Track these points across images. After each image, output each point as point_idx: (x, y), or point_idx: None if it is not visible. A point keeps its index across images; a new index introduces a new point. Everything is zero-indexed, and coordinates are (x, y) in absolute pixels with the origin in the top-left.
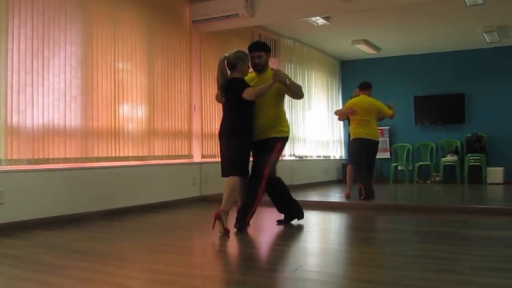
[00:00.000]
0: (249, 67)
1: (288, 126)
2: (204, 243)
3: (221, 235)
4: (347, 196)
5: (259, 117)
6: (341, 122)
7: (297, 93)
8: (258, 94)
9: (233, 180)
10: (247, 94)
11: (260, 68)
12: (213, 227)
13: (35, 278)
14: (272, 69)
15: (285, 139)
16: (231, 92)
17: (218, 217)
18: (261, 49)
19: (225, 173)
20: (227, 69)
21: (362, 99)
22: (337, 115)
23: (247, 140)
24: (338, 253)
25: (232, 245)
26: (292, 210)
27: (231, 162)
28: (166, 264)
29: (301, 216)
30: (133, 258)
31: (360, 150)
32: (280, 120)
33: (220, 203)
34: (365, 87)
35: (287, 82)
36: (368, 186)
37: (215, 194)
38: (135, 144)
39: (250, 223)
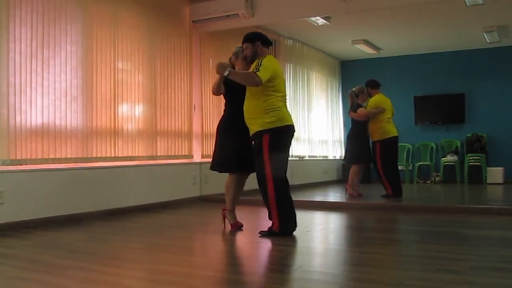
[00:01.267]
0: (245, 59)
1: (276, 116)
2: (204, 243)
3: (229, 231)
4: (360, 195)
5: (244, 111)
6: (341, 122)
7: (245, 81)
8: (211, 89)
9: (227, 178)
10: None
11: (249, 59)
12: (224, 226)
13: (35, 278)
14: (259, 58)
15: (273, 130)
16: None
17: (223, 216)
18: (245, 40)
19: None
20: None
21: (384, 97)
22: (364, 117)
23: (228, 136)
24: (338, 253)
25: (232, 245)
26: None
27: (213, 158)
28: (166, 264)
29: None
30: (133, 258)
31: (395, 148)
32: (262, 112)
33: (219, 203)
34: (378, 85)
35: (225, 74)
36: (398, 184)
37: (215, 194)
38: (135, 144)
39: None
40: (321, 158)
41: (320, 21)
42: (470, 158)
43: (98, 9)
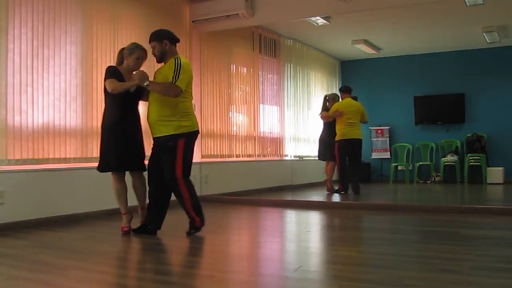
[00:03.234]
0: (137, 60)
1: (191, 121)
2: (204, 243)
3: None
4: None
5: (150, 112)
6: None
7: (165, 93)
8: (115, 89)
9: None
10: (108, 85)
11: (158, 59)
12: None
13: (35, 278)
14: (175, 58)
15: (188, 134)
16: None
17: None
18: (152, 39)
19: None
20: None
21: (350, 102)
22: (325, 119)
23: (111, 135)
24: (338, 253)
25: (232, 245)
26: (159, 221)
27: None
28: (166, 264)
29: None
30: (133, 258)
31: (348, 149)
32: (178, 115)
33: (219, 203)
34: (349, 91)
35: (145, 84)
36: (346, 182)
37: (215, 194)
38: None
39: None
40: None
41: (320, 21)
42: (470, 158)
43: (98, 9)
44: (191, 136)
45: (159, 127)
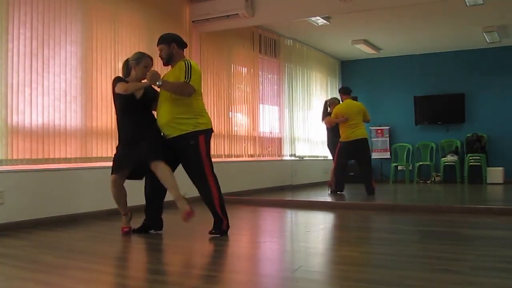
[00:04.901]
0: (145, 68)
1: (206, 118)
2: (204, 243)
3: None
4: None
5: (163, 112)
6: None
7: (177, 92)
8: (127, 89)
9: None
10: (119, 87)
11: (165, 62)
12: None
13: (35, 278)
14: (184, 61)
15: (206, 131)
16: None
17: None
18: (161, 42)
19: None
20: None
21: (351, 103)
22: (329, 124)
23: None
24: (338, 253)
25: (232, 245)
26: (156, 220)
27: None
28: (166, 264)
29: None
30: (133, 258)
31: (351, 150)
32: (195, 113)
33: None
34: (348, 92)
35: (158, 83)
36: (343, 182)
37: None
38: None
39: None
40: (321, 158)
41: (320, 21)
42: (470, 158)
43: (98, 9)
44: (209, 132)
45: (176, 126)
